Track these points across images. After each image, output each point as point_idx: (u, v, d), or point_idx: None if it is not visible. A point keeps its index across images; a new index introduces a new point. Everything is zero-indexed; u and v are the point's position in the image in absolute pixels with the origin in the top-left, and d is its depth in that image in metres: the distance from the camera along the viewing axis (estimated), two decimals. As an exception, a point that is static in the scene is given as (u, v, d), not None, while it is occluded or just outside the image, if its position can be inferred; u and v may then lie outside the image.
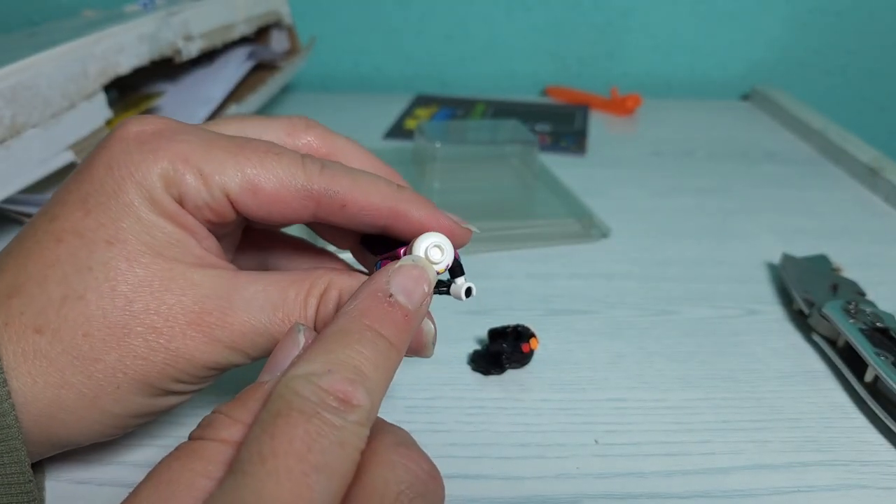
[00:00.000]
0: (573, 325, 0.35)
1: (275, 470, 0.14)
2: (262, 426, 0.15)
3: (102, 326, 0.20)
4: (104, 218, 0.21)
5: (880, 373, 0.28)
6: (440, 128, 0.52)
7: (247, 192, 0.21)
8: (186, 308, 0.21)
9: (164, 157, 0.21)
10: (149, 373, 0.21)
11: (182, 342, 0.21)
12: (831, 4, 0.74)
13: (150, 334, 0.20)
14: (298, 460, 0.15)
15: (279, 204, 0.22)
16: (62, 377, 0.20)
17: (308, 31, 0.71)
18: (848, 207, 0.50)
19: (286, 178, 0.22)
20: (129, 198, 0.21)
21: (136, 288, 0.20)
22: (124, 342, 0.20)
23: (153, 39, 0.44)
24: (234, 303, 0.21)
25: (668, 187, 0.52)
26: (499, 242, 0.42)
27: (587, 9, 0.74)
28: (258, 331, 0.21)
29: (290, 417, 0.15)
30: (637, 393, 0.30)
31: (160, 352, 0.21)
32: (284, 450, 0.15)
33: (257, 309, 0.21)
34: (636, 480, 0.25)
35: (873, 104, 0.80)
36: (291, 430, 0.15)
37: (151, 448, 0.26)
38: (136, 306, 0.20)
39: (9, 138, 0.35)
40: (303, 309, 0.21)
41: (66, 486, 0.24)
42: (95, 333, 0.20)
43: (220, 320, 0.21)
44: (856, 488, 0.25)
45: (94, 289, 0.20)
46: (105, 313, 0.20)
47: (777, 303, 0.37)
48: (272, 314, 0.21)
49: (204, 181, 0.21)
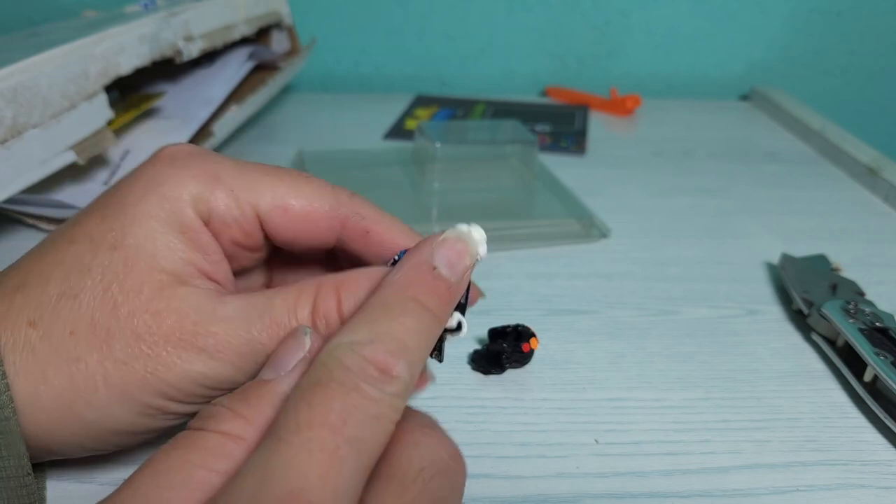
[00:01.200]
0: (573, 325, 0.35)
1: (308, 441, 0.15)
2: (301, 393, 0.16)
3: (88, 326, 0.20)
4: (116, 224, 0.21)
5: (879, 372, 0.28)
6: (440, 128, 0.52)
7: (277, 210, 0.22)
8: (171, 318, 0.20)
9: (196, 174, 0.22)
10: (129, 380, 0.20)
11: (163, 349, 0.20)
12: (831, 4, 0.74)
13: (132, 339, 0.20)
14: (333, 433, 0.15)
15: (307, 223, 0.22)
16: (43, 374, 0.20)
17: (308, 31, 0.72)
18: (847, 207, 0.50)
19: (315, 198, 0.22)
20: (148, 208, 0.21)
21: (127, 293, 0.20)
22: (107, 344, 0.20)
23: (154, 40, 0.44)
24: (217, 313, 0.21)
25: (668, 187, 0.52)
26: (499, 242, 0.42)
27: (587, 9, 0.74)
28: (244, 339, 0.21)
29: (329, 388, 0.15)
30: (637, 393, 0.30)
31: (141, 358, 0.20)
32: (320, 421, 0.15)
33: (241, 318, 0.21)
34: (636, 480, 0.26)
35: (873, 104, 0.80)
36: (329, 402, 0.15)
37: (153, 448, 0.26)
38: (122, 310, 0.20)
39: (9, 138, 0.35)
40: (292, 313, 0.21)
41: (67, 486, 0.24)
42: (81, 332, 0.20)
43: (204, 329, 0.20)
44: (855, 488, 0.26)
45: (88, 289, 0.20)
46: (93, 314, 0.20)
47: (776, 303, 0.38)
48: (258, 321, 0.21)
49: (234, 198, 0.22)
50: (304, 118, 0.65)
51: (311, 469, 0.14)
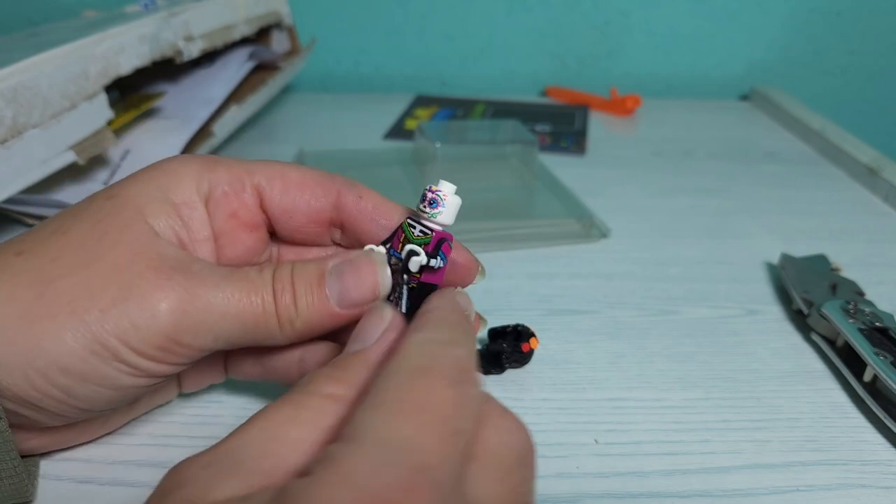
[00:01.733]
0: (573, 325, 0.35)
1: (428, 424, 0.16)
2: (408, 378, 0.17)
3: (71, 252, 0.21)
4: (115, 187, 0.23)
5: (879, 372, 0.28)
6: (440, 128, 0.52)
7: (275, 180, 0.24)
8: (151, 256, 0.21)
9: (196, 159, 0.24)
10: (92, 307, 0.20)
11: (138, 281, 0.20)
12: (831, 4, 0.74)
13: (110, 269, 0.21)
14: (444, 422, 0.16)
15: (304, 190, 0.24)
16: (12, 290, 0.20)
17: (308, 31, 0.72)
18: (847, 207, 0.50)
19: (309, 171, 0.25)
20: (149, 174, 0.23)
21: (115, 229, 0.21)
22: (82, 271, 0.20)
23: (154, 40, 0.44)
24: (192, 267, 0.22)
25: (668, 187, 0.52)
26: (499, 242, 0.42)
27: (587, 9, 0.74)
28: (216, 293, 0.21)
29: (434, 380, 0.17)
30: (637, 392, 0.30)
31: (111, 288, 0.20)
32: (432, 409, 0.16)
33: (211, 271, 0.22)
34: (636, 480, 0.26)
35: (873, 104, 0.80)
36: (438, 393, 0.16)
37: (153, 447, 0.26)
38: (107, 241, 0.21)
39: (10, 139, 0.35)
40: (257, 273, 0.22)
41: (68, 486, 0.24)
42: (64, 258, 0.21)
43: (178, 274, 0.21)
44: (855, 488, 0.26)
45: (77, 225, 0.22)
46: (81, 243, 0.21)
47: (776, 303, 0.38)
48: (229, 276, 0.22)
49: (234, 173, 0.24)
50: (304, 118, 0.65)
51: (433, 450, 0.15)
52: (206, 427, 0.27)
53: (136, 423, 0.27)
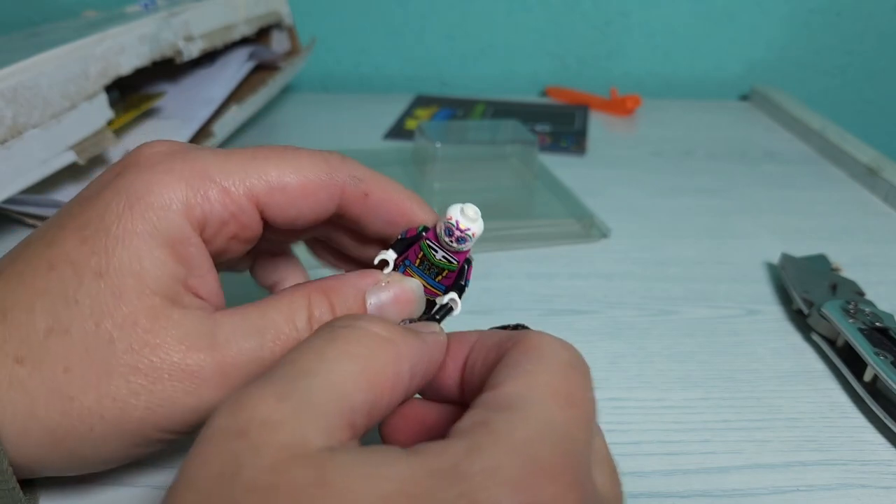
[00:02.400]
0: (573, 325, 0.35)
1: (576, 415, 0.17)
2: (554, 366, 0.18)
3: (83, 363, 0.19)
4: (98, 246, 0.20)
5: (879, 372, 0.29)
6: (440, 128, 0.52)
7: (275, 192, 0.21)
8: (172, 348, 0.19)
9: (184, 177, 0.20)
10: (127, 418, 0.19)
11: (167, 385, 0.19)
12: (830, 4, 0.74)
13: (132, 375, 0.19)
14: (589, 418, 0.17)
15: (307, 198, 0.22)
16: (32, 411, 0.19)
17: (308, 31, 0.72)
18: (847, 207, 0.50)
19: (310, 170, 0.22)
20: (132, 225, 0.20)
21: (122, 327, 0.19)
22: (104, 382, 0.19)
23: (154, 40, 0.44)
24: (218, 337, 0.20)
25: (668, 187, 0.52)
26: (499, 242, 0.42)
27: (587, 9, 0.74)
28: (250, 359, 0.20)
29: (580, 377, 0.18)
30: (637, 392, 0.30)
31: (141, 394, 0.19)
32: (582, 403, 0.17)
33: (244, 337, 0.20)
34: (636, 479, 0.26)
35: (872, 104, 0.80)
36: (585, 390, 0.18)
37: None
38: (119, 346, 0.19)
39: (10, 139, 0.35)
40: (291, 324, 0.21)
41: (68, 486, 0.24)
42: (76, 370, 0.19)
43: (209, 356, 0.20)
44: (855, 488, 0.26)
45: (78, 323, 0.19)
46: (88, 349, 0.19)
47: (776, 302, 0.38)
48: (261, 338, 0.20)
49: (228, 194, 0.21)
50: (304, 118, 0.65)
51: (581, 439, 0.16)
52: (206, 427, 0.27)
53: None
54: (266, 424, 0.15)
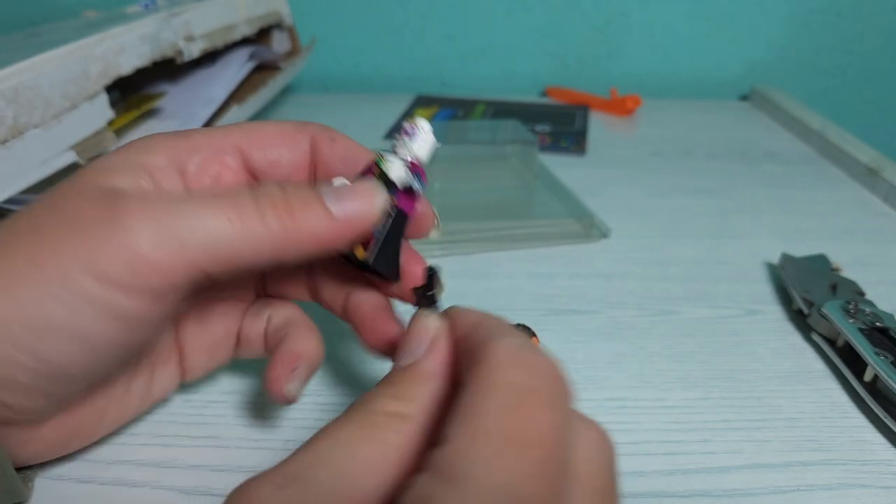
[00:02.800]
0: (574, 325, 0.35)
1: (526, 464, 0.15)
2: (498, 400, 0.16)
3: (26, 223, 0.20)
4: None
5: (880, 372, 0.29)
6: (440, 128, 0.52)
7: (255, 138, 0.24)
8: (106, 194, 0.20)
9: (172, 134, 0.23)
10: (46, 254, 0.19)
11: (91, 218, 0.19)
12: (830, 4, 0.74)
13: (61, 219, 0.20)
14: (548, 458, 0.15)
15: (285, 139, 0.25)
16: None
17: (309, 31, 0.72)
18: (847, 207, 0.50)
19: (283, 122, 0.25)
20: (118, 150, 0.22)
21: (73, 192, 0.21)
22: (36, 233, 0.19)
23: (154, 40, 0.44)
24: (159, 195, 0.21)
25: (668, 187, 0.52)
26: (499, 242, 0.42)
27: (587, 9, 0.74)
28: (199, 214, 0.20)
29: (535, 403, 0.16)
30: (637, 392, 0.30)
31: (62, 229, 0.19)
32: (537, 443, 0.15)
33: (194, 203, 0.20)
34: (637, 479, 0.26)
35: (872, 104, 0.80)
36: (541, 419, 0.16)
37: (154, 447, 0.26)
38: (59, 204, 0.20)
39: (10, 139, 0.35)
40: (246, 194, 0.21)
41: (69, 486, 0.24)
42: (20, 231, 0.20)
43: (145, 197, 0.20)
44: (855, 487, 0.26)
45: (39, 200, 0.21)
46: (35, 213, 0.20)
47: (776, 302, 0.38)
48: (214, 203, 0.21)
49: (210, 138, 0.24)
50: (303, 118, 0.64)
51: (539, 494, 0.15)
52: (207, 427, 0.27)
53: (136, 423, 0.27)
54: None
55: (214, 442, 0.27)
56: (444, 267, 0.22)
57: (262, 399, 0.29)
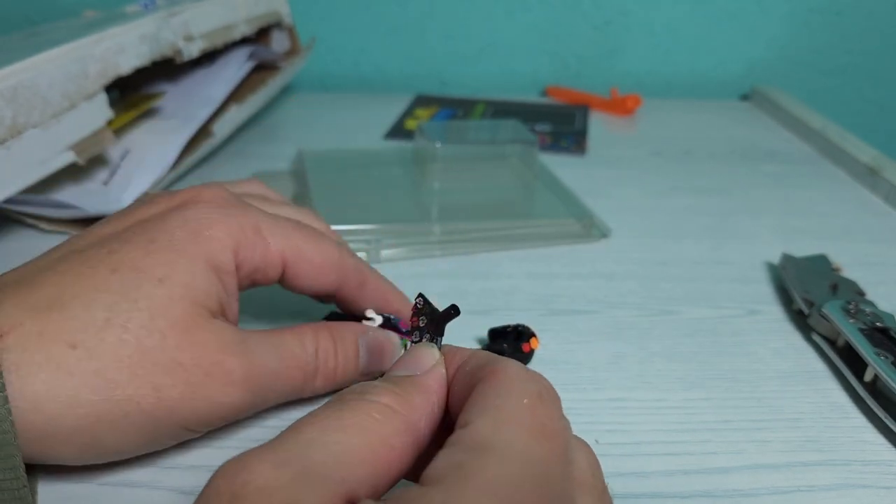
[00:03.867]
0: (573, 325, 0.35)
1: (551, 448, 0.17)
2: (523, 399, 0.17)
3: (135, 355, 0.21)
4: (163, 259, 0.23)
5: (880, 372, 0.28)
6: (440, 128, 0.52)
7: (303, 263, 0.26)
8: (213, 351, 0.23)
9: (238, 224, 0.25)
10: (162, 407, 0.22)
11: (203, 382, 0.22)
12: (831, 4, 0.74)
13: (174, 369, 0.22)
14: (565, 450, 0.17)
15: (321, 274, 0.27)
16: (75, 396, 0.21)
17: (308, 31, 0.71)
18: (847, 207, 0.50)
19: (329, 254, 0.27)
20: (196, 249, 0.24)
21: (172, 324, 0.22)
22: (150, 372, 0.22)
23: (154, 40, 0.44)
24: (249, 346, 0.24)
25: (668, 187, 0.52)
26: (499, 242, 0.42)
27: (587, 8, 0.74)
28: (270, 371, 0.24)
29: (551, 407, 0.18)
30: (637, 393, 0.30)
31: (179, 387, 0.22)
32: (556, 435, 0.17)
33: (265, 350, 0.24)
34: (637, 480, 0.26)
35: (873, 104, 0.80)
36: (557, 420, 0.18)
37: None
38: (169, 341, 0.22)
39: (9, 138, 0.35)
40: (301, 347, 0.26)
41: (69, 486, 0.24)
42: (126, 360, 0.21)
43: (242, 362, 0.23)
44: (856, 488, 0.26)
45: (136, 319, 0.22)
46: (140, 343, 0.22)
47: (777, 303, 0.38)
48: (277, 353, 0.25)
49: (268, 250, 0.26)
50: (304, 118, 0.65)
51: (559, 473, 0.16)
52: (206, 427, 0.27)
53: (136, 424, 0.27)
54: (262, 490, 0.15)
55: (214, 442, 0.26)
56: (444, 267, 0.22)
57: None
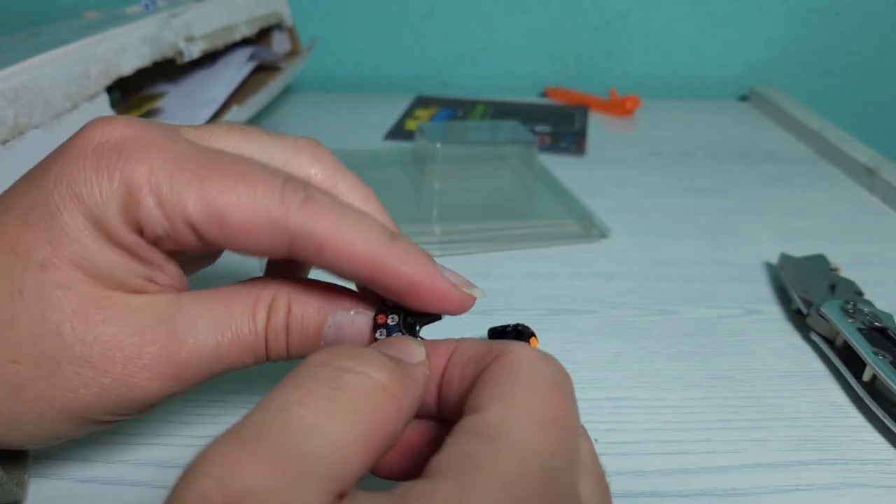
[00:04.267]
0: (573, 325, 0.35)
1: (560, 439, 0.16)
2: (536, 387, 0.17)
3: (31, 355, 0.19)
4: (43, 236, 0.19)
5: (878, 372, 0.29)
6: (440, 128, 0.52)
7: (212, 223, 0.19)
8: (125, 341, 0.19)
9: (120, 182, 0.19)
10: (77, 406, 0.19)
11: (119, 376, 0.19)
12: (830, 4, 0.74)
13: (81, 367, 0.19)
14: (573, 439, 0.17)
15: (248, 237, 0.19)
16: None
17: (309, 31, 0.72)
18: (846, 207, 0.50)
19: (257, 209, 0.19)
20: (74, 221, 0.19)
21: (70, 317, 0.19)
22: (54, 373, 0.19)
23: (155, 41, 0.44)
24: (178, 328, 0.20)
25: (667, 187, 0.52)
26: (499, 242, 0.42)
27: (587, 9, 0.74)
28: (206, 355, 0.20)
29: (563, 395, 0.17)
30: (637, 392, 0.30)
31: (92, 387, 0.19)
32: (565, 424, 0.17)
33: (204, 330, 0.20)
34: (636, 479, 0.26)
35: (872, 105, 0.80)
36: (568, 409, 0.17)
37: (154, 447, 0.26)
38: (67, 338, 0.19)
39: (11, 139, 0.35)
40: (252, 323, 0.20)
41: (69, 485, 0.24)
42: (23, 362, 0.19)
43: (164, 349, 0.20)
44: (854, 487, 0.26)
45: (24, 315, 0.19)
46: (35, 342, 0.19)
47: (776, 302, 0.38)
48: (220, 334, 0.20)
49: (164, 211, 0.19)
50: (304, 118, 0.65)
51: (568, 464, 0.16)
52: (207, 427, 0.27)
53: (136, 423, 0.27)
54: (260, 498, 0.13)
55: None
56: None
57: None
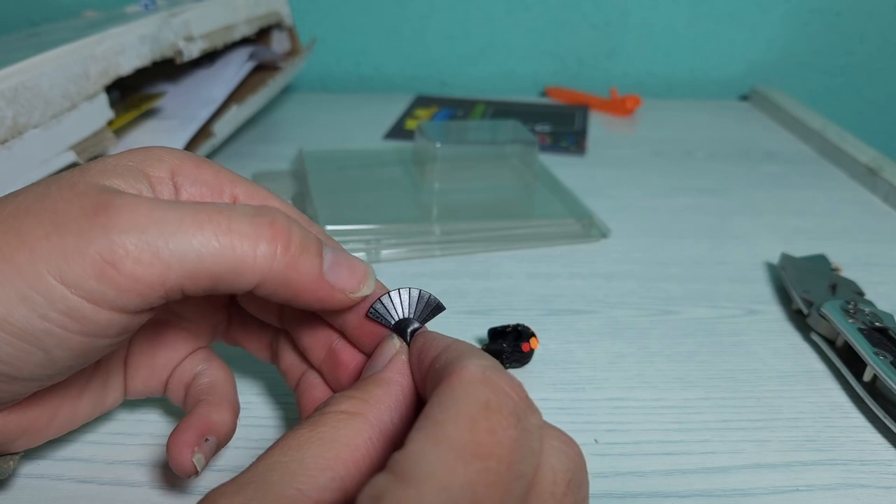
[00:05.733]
0: (573, 325, 0.35)
1: (484, 472, 0.15)
2: (462, 411, 0.16)
3: (11, 213, 0.18)
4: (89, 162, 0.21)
5: (879, 372, 0.29)
6: (440, 128, 0.52)
7: (254, 201, 0.23)
8: (94, 194, 0.19)
9: (188, 156, 0.22)
10: (20, 251, 0.18)
11: (71, 218, 0.18)
12: (831, 4, 0.74)
13: (44, 215, 0.18)
14: (507, 469, 0.15)
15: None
16: None
17: (308, 31, 0.72)
18: (847, 207, 0.50)
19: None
20: (123, 153, 0.21)
21: (65, 185, 0.19)
22: (14, 221, 0.18)
23: (154, 40, 0.44)
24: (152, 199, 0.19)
25: (667, 187, 0.52)
26: (499, 242, 0.42)
27: (587, 9, 0.74)
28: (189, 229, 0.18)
29: (499, 417, 0.16)
30: (637, 392, 0.30)
31: (44, 227, 0.18)
32: (497, 454, 0.15)
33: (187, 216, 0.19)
34: (636, 479, 0.26)
35: (872, 104, 0.80)
36: (503, 433, 0.16)
37: (154, 447, 0.26)
38: (48, 196, 0.19)
39: (10, 139, 0.35)
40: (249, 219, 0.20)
41: (69, 485, 0.24)
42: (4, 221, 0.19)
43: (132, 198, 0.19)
44: (855, 487, 0.26)
45: (29, 189, 0.19)
46: (20, 204, 0.19)
47: (776, 303, 0.38)
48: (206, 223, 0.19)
49: (218, 176, 0.22)
50: (304, 118, 0.65)
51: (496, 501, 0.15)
52: (206, 427, 0.27)
53: (136, 423, 0.27)
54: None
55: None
56: (444, 267, 0.21)
57: (260, 400, 0.29)
